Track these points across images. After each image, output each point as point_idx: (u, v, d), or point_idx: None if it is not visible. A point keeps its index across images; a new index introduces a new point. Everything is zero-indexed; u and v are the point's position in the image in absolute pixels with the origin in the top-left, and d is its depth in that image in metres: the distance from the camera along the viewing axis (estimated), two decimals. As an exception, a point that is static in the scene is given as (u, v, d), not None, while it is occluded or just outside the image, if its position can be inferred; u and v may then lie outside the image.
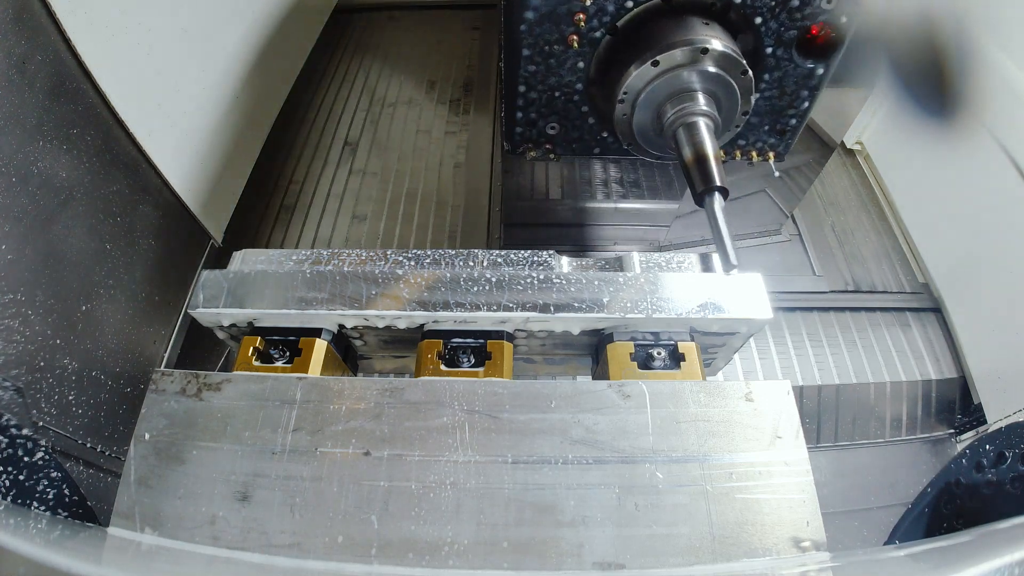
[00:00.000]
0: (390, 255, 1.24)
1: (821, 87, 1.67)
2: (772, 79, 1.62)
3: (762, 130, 1.74)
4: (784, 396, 0.96)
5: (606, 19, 1.47)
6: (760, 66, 1.60)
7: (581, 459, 0.89)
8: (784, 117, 1.71)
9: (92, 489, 1.74)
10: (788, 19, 1.50)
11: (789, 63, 1.59)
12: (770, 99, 1.67)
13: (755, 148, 1.79)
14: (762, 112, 1.69)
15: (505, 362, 1.11)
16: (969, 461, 1.06)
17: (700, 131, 1.39)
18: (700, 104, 1.42)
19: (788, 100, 1.68)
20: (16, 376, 1.51)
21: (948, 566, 0.73)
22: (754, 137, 1.75)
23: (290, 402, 0.95)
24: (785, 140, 1.77)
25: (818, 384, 2.48)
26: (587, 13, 1.46)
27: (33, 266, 1.61)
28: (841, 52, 1.59)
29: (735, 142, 1.76)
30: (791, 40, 1.55)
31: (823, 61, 1.60)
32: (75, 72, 1.73)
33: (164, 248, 2.20)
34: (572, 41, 1.50)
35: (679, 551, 0.83)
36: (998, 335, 2.34)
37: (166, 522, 0.86)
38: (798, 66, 1.60)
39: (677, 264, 1.22)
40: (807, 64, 1.60)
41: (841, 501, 2.33)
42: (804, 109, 1.70)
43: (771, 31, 1.52)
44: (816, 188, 3.22)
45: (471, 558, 0.82)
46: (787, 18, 1.50)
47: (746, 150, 1.79)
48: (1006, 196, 2.28)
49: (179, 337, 2.30)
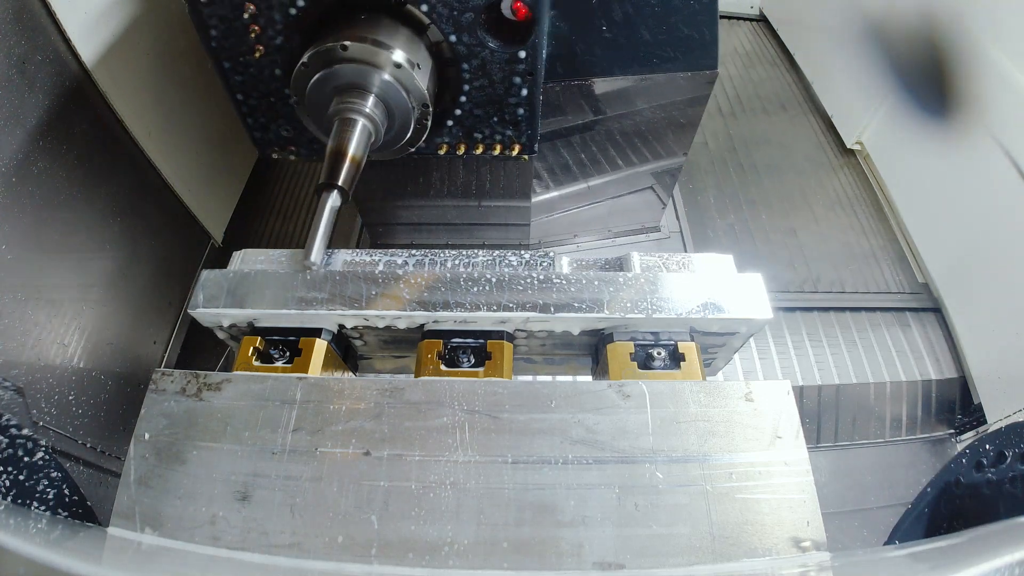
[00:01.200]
0: (390, 255, 1.24)
1: (538, 72, 1.55)
2: (472, 68, 1.53)
3: (491, 122, 1.66)
4: (784, 396, 0.96)
5: (279, 24, 1.46)
6: (455, 56, 1.51)
7: (581, 459, 0.89)
8: (508, 107, 1.62)
9: (92, 489, 1.74)
10: (456, 4, 1.40)
11: (482, 49, 1.49)
12: (483, 88, 1.58)
13: (496, 141, 1.71)
14: (483, 103, 1.61)
15: (505, 362, 1.11)
16: (969, 461, 1.06)
17: (351, 129, 1.35)
18: (363, 105, 1.38)
19: (504, 89, 1.57)
20: (16, 376, 1.51)
21: (948, 566, 0.73)
22: (489, 130, 1.68)
23: (290, 402, 0.95)
24: (523, 132, 1.68)
25: (818, 384, 2.48)
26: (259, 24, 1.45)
27: (33, 266, 1.61)
28: (541, 33, 1.46)
29: (472, 135, 1.69)
30: (471, 24, 1.44)
31: (521, 44, 1.48)
32: (75, 72, 1.73)
33: (164, 248, 2.20)
34: (258, 50, 1.50)
35: (679, 551, 0.83)
36: (998, 335, 2.34)
37: (166, 522, 0.86)
38: (495, 51, 1.49)
39: (677, 264, 1.22)
40: (504, 48, 1.49)
41: (841, 501, 2.33)
42: (525, 97, 1.59)
43: (444, 18, 1.43)
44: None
45: (471, 558, 0.82)
46: (454, 4, 1.40)
47: (488, 143, 1.71)
48: (1006, 196, 2.28)
49: (179, 337, 2.30)
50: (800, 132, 3.57)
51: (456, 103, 1.61)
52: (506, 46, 1.49)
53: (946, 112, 2.59)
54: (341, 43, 1.34)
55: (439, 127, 1.67)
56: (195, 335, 2.34)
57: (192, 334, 2.34)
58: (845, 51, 3.33)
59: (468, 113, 1.64)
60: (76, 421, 1.72)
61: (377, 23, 1.40)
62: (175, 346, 2.28)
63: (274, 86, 1.59)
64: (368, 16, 1.41)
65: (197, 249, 2.41)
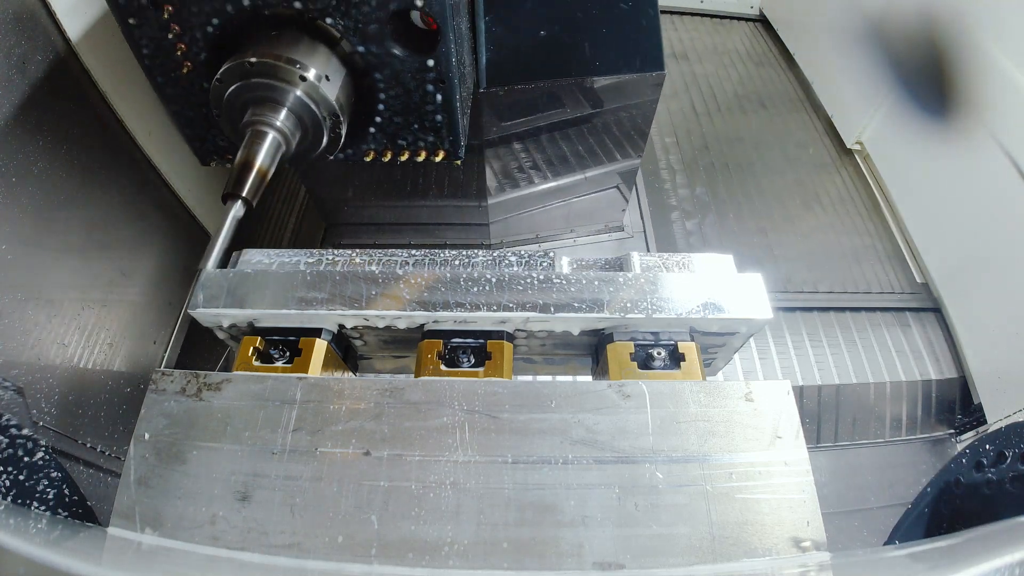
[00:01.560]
0: (390, 255, 1.24)
1: (451, 79, 1.59)
2: (385, 77, 1.58)
3: (412, 129, 1.70)
4: (784, 396, 0.96)
5: (200, 41, 1.52)
6: (367, 66, 1.56)
7: (581, 459, 0.89)
8: (426, 115, 1.66)
9: (92, 489, 1.74)
10: (360, 15, 1.45)
11: (393, 59, 1.53)
12: (398, 97, 1.62)
13: (420, 147, 1.75)
14: (401, 111, 1.66)
15: (505, 362, 1.11)
16: (969, 461, 1.06)
17: (260, 142, 1.42)
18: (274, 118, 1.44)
19: (419, 96, 1.62)
20: (16, 376, 1.51)
21: (948, 566, 0.73)
22: (411, 136, 1.72)
23: (290, 402, 0.95)
24: (444, 138, 1.72)
25: (818, 384, 2.48)
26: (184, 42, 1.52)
27: (33, 266, 1.61)
28: (449, 41, 1.49)
29: (396, 141, 1.74)
30: (377, 35, 1.49)
31: (429, 53, 1.52)
32: (75, 72, 1.73)
33: (164, 248, 2.20)
34: (185, 66, 1.57)
35: (679, 551, 0.83)
36: (998, 335, 2.34)
37: (166, 522, 0.86)
38: (404, 60, 1.54)
39: (677, 264, 1.22)
40: (412, 57, 1.53)
41: (841, 501, 2.34)
42: (440, 104, 1.63)
43: (350, 30, 1.48)
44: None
45: (471, 558, 0.82)
46: (359, 15, 1.45)
47: (412, 149, 1.76)
48: (1006, 196, 2.28)
49: (179, 337, 2.30)
50: (800, 132, 3.57)
51: (376, 111, 1.66)
52: (413, 55, 1.53)
53: (946, 112, 2.60)
54: (248, 59, 1.42)
55: (363, 134, 1.72)
56: (195, 335, 2.34)
57: (192, 334, 2.34)
58: (845, 51, 3.33)
59: (388, 121, 1.68)
60: (76, 421, 1.72)
61: (288, 38, 1.47)
62: (175, 346, 2.28)
63: (204, 99, 1.65)
64: (280, 32, 1.48)
65: (197, 249, 2.41)
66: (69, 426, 1.69)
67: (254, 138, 1.43)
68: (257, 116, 1.44)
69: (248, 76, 1.43)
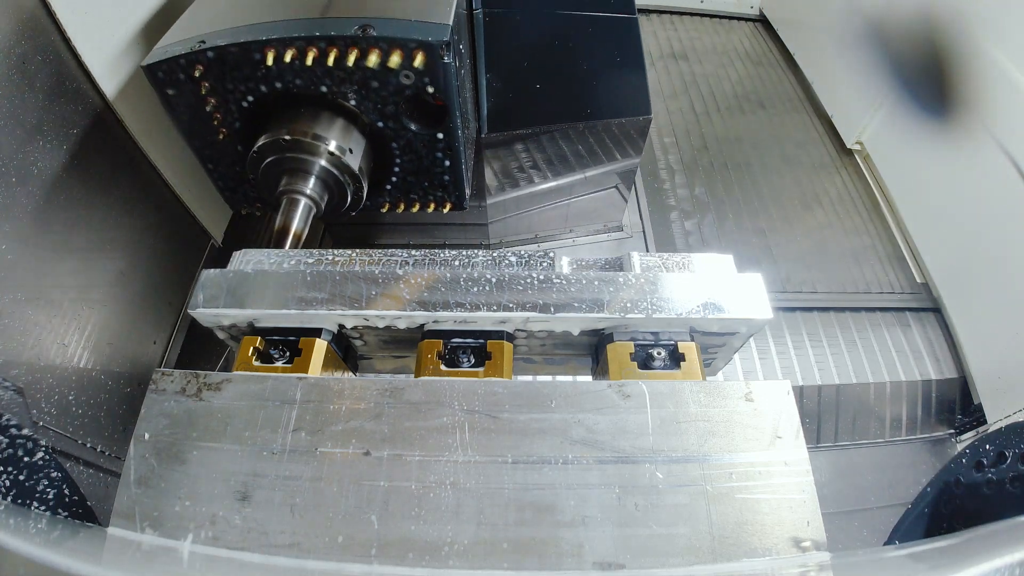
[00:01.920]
0: (389, 255, 1.24)
1: (457, 148, 1.80)
2: (400, 146, 1.80)
3: (423, 186, 1.94)
4: (784, 396, 0.96)
5: (235, 114, 1.70)
6: (384, 137, 1.78)
7: (581, 459, 0.89)
8: (436, 175, 1.89)
9: (92, 489, 1.74)
10: (378, 98, 1.65)
11: (408, 132, 1.75)
12: (412, 161, 1.85)
13: (429, 200, 2.00)
14: (414, 172, 1.89)
15: (505, 362, 1.11)
16: (969, 461, 1.06)
17: (295, 209, 1.64)
18: (305, 186, 1.66)
19: (429, 162, 1.84)
20: (16, 376, 1.51)
21: (948, 566, 0.73)
22: (421, 192, 1.96)
23: (290, 402, 0.95)
24: (451, 193, 1.96)
25: (818, 384, 2.49)
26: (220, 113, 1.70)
27: (33, 266, 1.61)
28: (455, 118, 1.70)
29: (408, 196, 1.98)
30: (394, 113, 1.69)
31: (439, 127, 1.73)
32: (75, 72, 1.73)
33: (164, 248, 2.20)
34: (221, 132, 1.76)
35: (679, 551, 0.83)
36: (998, 335, 2.34)
37: (166, 522, 0.86)
38: (417, 134, 1.75)
39: (677, 264, 1.22)
40: (424, 131, 1.75)
41: (841, 501, 2.34)
42: (448, 167, 1.86)
43: (370, 109, 1.68)
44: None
45: (471, 558, 0.82)
46: (377, 97, 1.65)
47: (423, 202, 2.00)
48: (1006, 196, 2.28)
49: (179, 337, 2.30)
50: (799, 132, 3.57)
51: (392, 172, 1.89)
52: (425, 129, 1.75)
53: (946, 112, 2.60)
54: (283, 137, 1.62)
55: (380, 190, 1.96)
56: (195, 335, 2.34)
57: (192, 334, 2.34)
58: (845, 51, 3.33)
59: (402, 180, 1.92)
60: (76, 421, 1.72)
61: (316, 115, 1.67)
62: (175, 346, 2.28)
63: (238, 158, 1.86)
64: (307, 109, 1.67)
65: (197, 249, 2.41)
66: (69, 426, 1.69)
67: (290, 205, 1.64)
68: (291, 186, 1.65)
69: (283, 151, 1.64)
